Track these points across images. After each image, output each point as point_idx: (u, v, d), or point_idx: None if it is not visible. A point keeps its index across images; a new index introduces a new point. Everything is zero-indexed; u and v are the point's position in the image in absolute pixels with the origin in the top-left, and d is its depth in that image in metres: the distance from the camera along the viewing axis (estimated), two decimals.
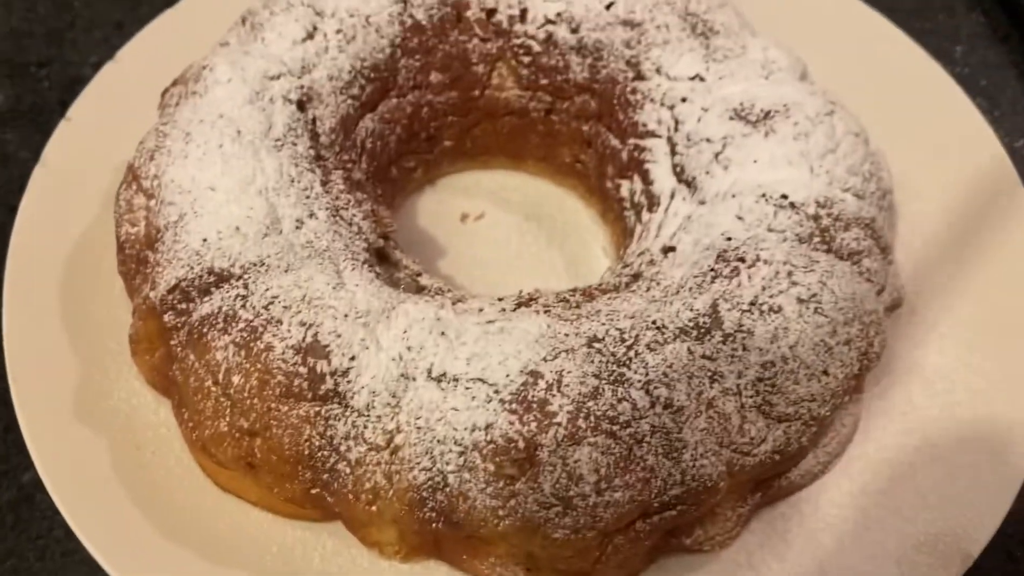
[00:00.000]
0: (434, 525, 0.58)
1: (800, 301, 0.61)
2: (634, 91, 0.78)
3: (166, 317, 0.63)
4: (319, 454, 0.59)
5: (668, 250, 0.68)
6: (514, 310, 0.64)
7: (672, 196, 0.73)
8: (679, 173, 0.73)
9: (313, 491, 0.60)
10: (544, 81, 0.81)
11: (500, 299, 0.66)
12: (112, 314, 0.73)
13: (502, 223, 0.84)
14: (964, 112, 0.87)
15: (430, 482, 0.57)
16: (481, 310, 0.64)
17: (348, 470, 0.58)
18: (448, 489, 0.57)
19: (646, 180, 0.76)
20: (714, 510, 0.63)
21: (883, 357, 0.73)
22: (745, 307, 0.61)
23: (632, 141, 0.78)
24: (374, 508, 0.59)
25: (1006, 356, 0.72)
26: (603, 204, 0.83)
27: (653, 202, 0.75)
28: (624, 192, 0.79)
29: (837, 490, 0.67)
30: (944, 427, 0.69)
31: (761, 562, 0.64)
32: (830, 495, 0.67)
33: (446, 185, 0.88)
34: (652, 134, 0.77)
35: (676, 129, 0.75)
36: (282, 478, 0.60)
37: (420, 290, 0.69)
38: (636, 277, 0.68)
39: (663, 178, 0.75)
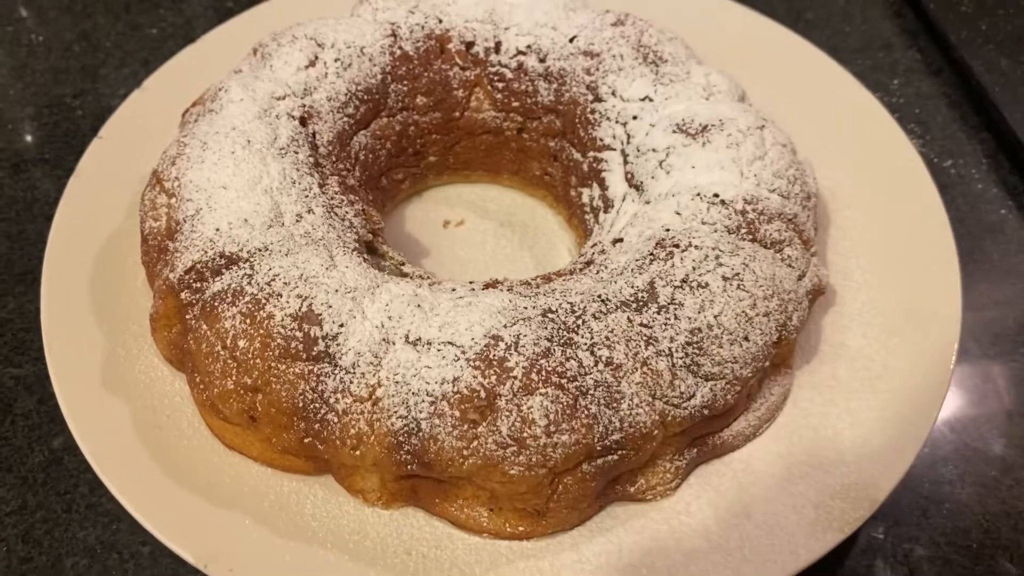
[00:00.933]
0: (409, 467, 0.68)
1: (725, 279, 0.71)
2: (593, 111, 0.89)
3: (183, 295, 0.74)
4: (311, 406, 0.68)
5: (617, 241, 0.79)
6: (482, 290, 0.74)
7: (624, 199, 0.84)
8: (630, 179, 0.84)
9: (306, 440, 0.70)
10: (516, 104, 0.93)
11: (471, 282, 0.77)
12: (134, 302, 0.84)
13: (480, 228, 0.95)
14: (892, 135, 0.98)
15: (405, 428, 0.67)
16: (453, 290, 0.74)
17: (336, 419, 0.68)
18: (421, 433, 0.67)
19: (603, 186, 0.87)
20: (654, 461, 0.72)
21: (813, 340, 0.83)
22: (677, 283, 0.71)
23: (591, 154, 0.89)
24: (358, 452, 0.68)
25: (918, 339, 0.81)
26: (568, 211, 0.94)
27: (608, 205, 0.86)
28: (585, 198, 0.90)
29: (766, 451, 0.76)
30: (864, 398, 0.78)
31: (698, 510, 0.73)
32: (760, 455, 0.76)
33: (431, 196, 0.99)
34: (608, 147, 0.88)
35: (628, 142, 0.86)
36: (279, 429, 0.70)
37: (403, 276, 0.79)
38: (589, 264, 0.78)
39: (617, 184, 0.86)
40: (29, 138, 1.09)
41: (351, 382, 0.68)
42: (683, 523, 0.72)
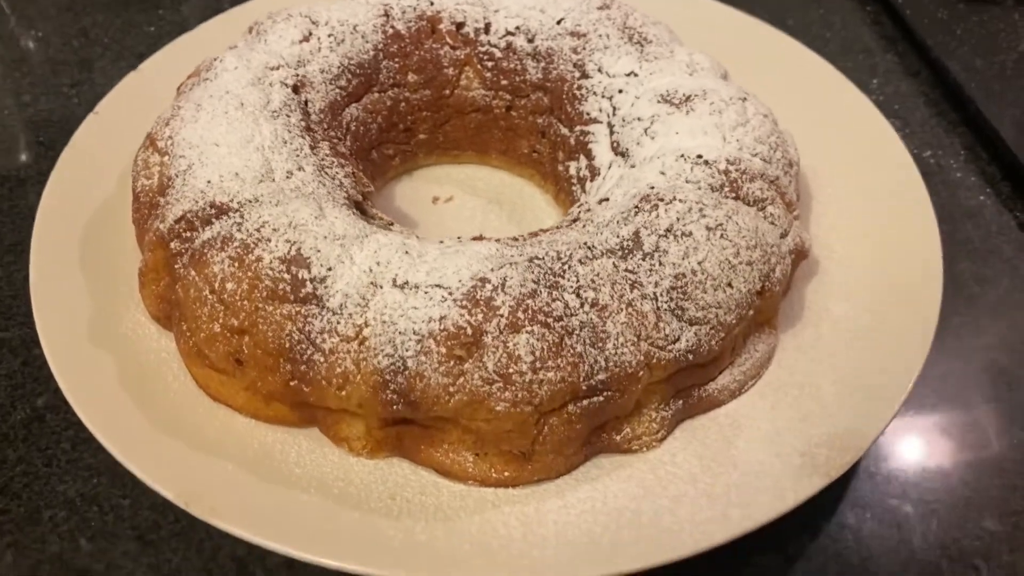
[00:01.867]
0: (395, 407, 0.68)
1: (708, 229, 0.73)
2: (580, 87, 0.91)
3: (172, 244, 0.74)
4: (298, 347, 0.69)
5: (603, 201, 0.80)
6: (470, 241, 0.75)
7: (610, 166, 0.86)
8: (615, 147, 0.86)
9: (292, 383, 0.70)
10: (505, 82, 0.95)
11: (459, 237, 0.78)
12: (122, 265, 0.84)
13: (468, 205, 0.97)
14: (870, 116, 1.01)
15: (392, 366, 0.67)
16: (441, 241, 0.75)
17: (322, 359, 0.68)
18: (407, 372, 0.67)
19: (589, 157, 0.89)
20: (640, 410, 0.72)
21: (796, 307, 0.84)
22: (662, 232, 0.72)
23: (578, 128, 0.91)
24: (344, 392, 0.68)
25: (896, 302, 0.82)
26: (556, 186, 0.96)
27: (595, 173, 0.87)
28: (572, 171, 0.92)
29: (752, 406, 0.76)
30: (846, 355, 0.79)
31: (684, 460, 0.72)
32: (746, 410, 0.76)
33: (420, 175, 1.00)
34: (594, 120, 0.90)
35: (614, 114, 0.88)
36: (265, 371, 0.70)
37: None
38: (575, 221, 0.79)
39: (603, 154, 0.87)
40: (23, 121, 1.10)
41: (338, 323, 0.68)
42: (669, 472, 0.71)
